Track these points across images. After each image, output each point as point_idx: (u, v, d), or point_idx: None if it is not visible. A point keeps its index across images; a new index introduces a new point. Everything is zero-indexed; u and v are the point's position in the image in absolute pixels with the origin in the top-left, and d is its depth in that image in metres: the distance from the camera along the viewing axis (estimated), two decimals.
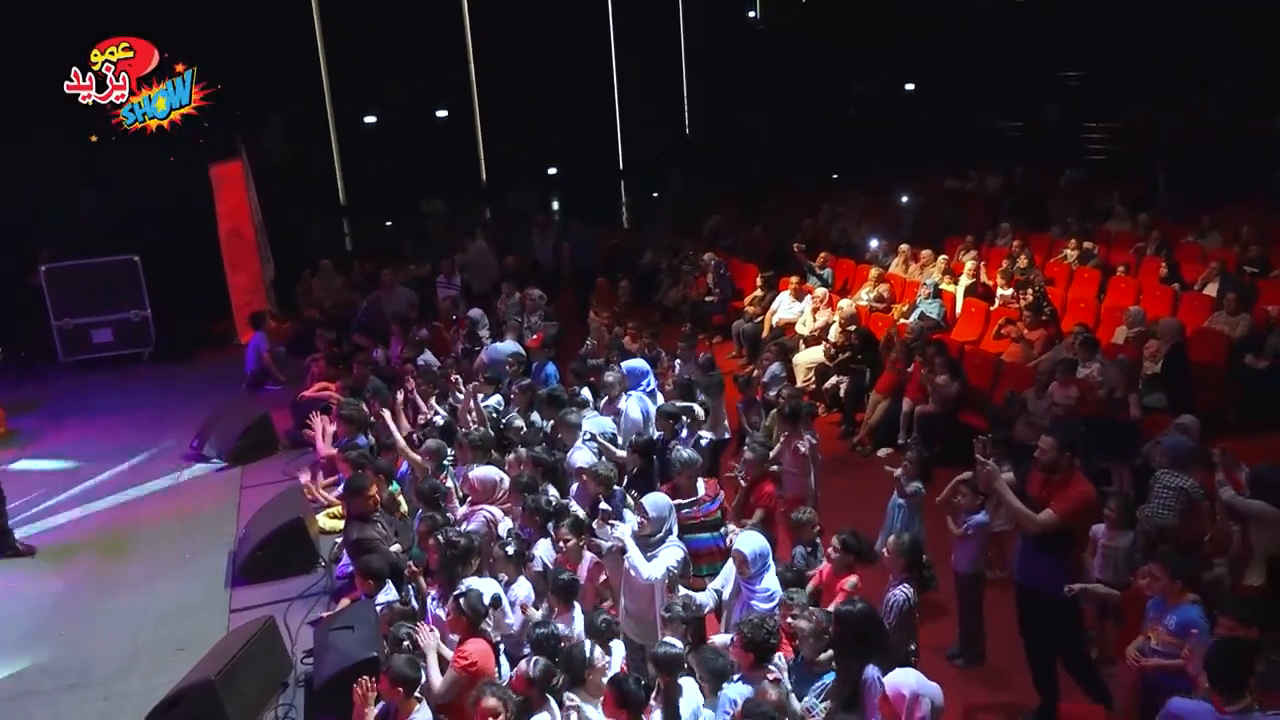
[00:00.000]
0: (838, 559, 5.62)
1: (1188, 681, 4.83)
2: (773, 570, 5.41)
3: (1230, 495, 6.33)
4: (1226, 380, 9.32)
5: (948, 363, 9.29)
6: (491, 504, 6.82)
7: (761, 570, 5.34)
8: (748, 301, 12.54)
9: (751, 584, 5.32)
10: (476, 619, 5.19)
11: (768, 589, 5.30)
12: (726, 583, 5.56)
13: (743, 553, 5.33)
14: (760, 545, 5.40)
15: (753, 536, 5.49)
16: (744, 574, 5.36)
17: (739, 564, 5.38)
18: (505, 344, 9.65)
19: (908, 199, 16.64)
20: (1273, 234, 12.36)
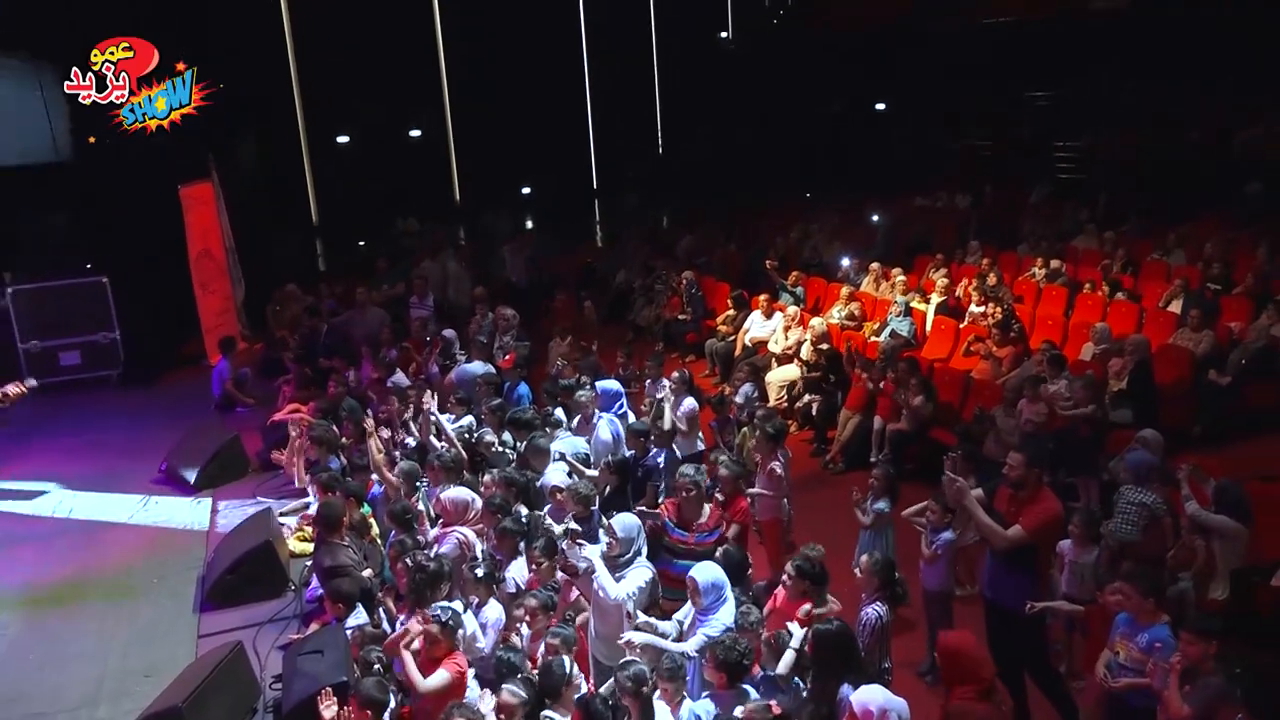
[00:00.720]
0: (792, 585, 5.48)
1: (1153, 698, 4.88)
2: (730, 604, 5.23)
3: (1195, 510, 6.43)
4: (1190, 396, 9.45)
5: (922, 384, 9.35)
6: (464, 525, 6.82)
7: (716, 602, 5.18)
8: (720, 320, 12.60)
9: (704, 615, 5.17)
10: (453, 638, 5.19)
11: (724, 624, 5.09)
12: (689, 613, 5.38)
13: (695, 580, 5.17)
14: (715, 576, 5.24)
15: (709, 567, 5.32)
16: (696, 604, 5.20)
17: (690, 592, 5.23)
18: (476, 365, 9.63)
19: (879, 218, 16.79)
20: (1235, 251, 12.56)
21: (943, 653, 4.88)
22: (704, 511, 6.26)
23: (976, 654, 4.90)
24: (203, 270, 13.67)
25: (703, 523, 6.25)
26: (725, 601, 5.21)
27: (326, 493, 7.47)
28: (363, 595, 6.34)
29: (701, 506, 6.26)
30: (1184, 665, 4.72)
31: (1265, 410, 9.35)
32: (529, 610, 5.56)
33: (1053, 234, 14.76)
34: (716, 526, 6.23)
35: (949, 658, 4.83)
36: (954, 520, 6.51)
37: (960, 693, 4.73)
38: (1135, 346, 9.35)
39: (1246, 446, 8.88)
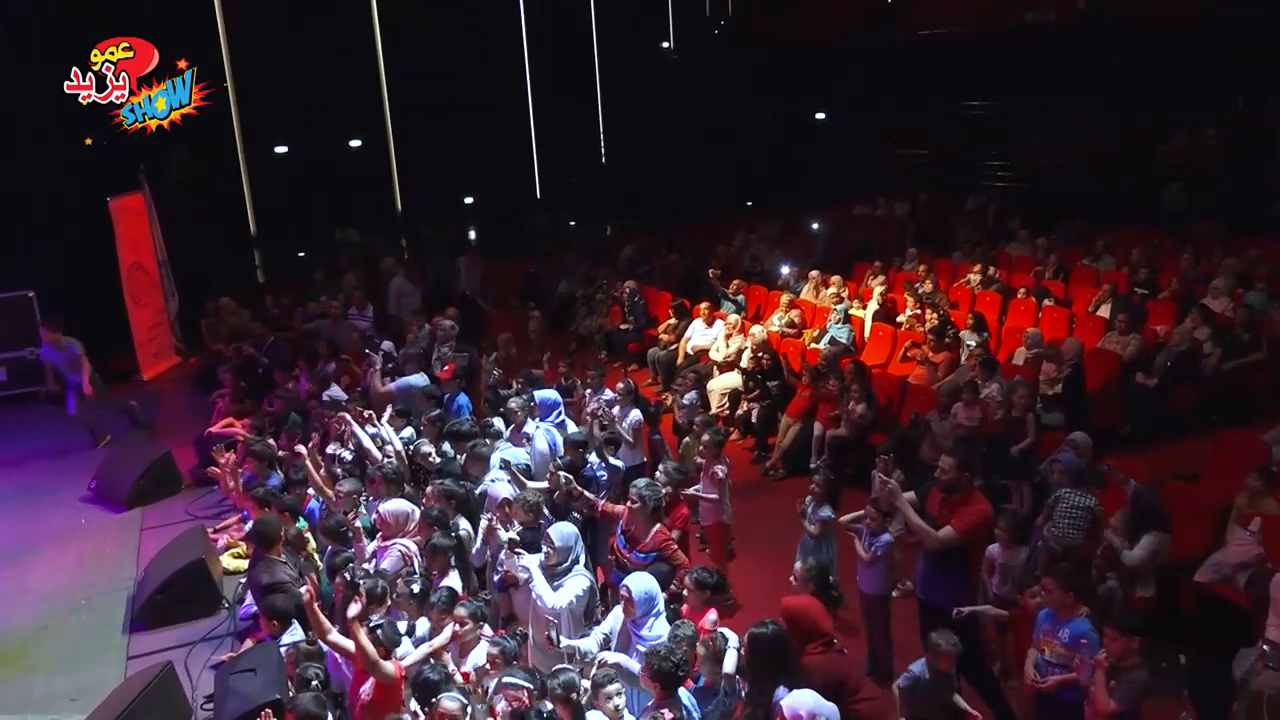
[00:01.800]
0: (692, 597, 5.50)
1: (1081, 692, 4.99)
2: (663, 617, 5.21)
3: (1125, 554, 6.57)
4: (1119, 398, 9.69)
5: (864, 391, 9.46)
6: (405, 537, 6.75)
7: (649, 614, 5.14)
8: (662, 329, 12.64)
9: (638, 627, 5.14)
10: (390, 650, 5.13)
11: (658, 636, 5.05)
12: (615, 626, 5.38)
13: (630, 591, 5.16)
14: (649, 587, 5.21)
15: (642, 577, 5.30)
16: (630, 615, 5.17)
17: (625, 605, 5.19)
18: (416, 376, 9.55)
19: (819, 226, 16.99)
20: (1161, 257, 12.92)
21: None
22: (650, 531, 6.20)
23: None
24: (134, 283, 13.37)
25: (645, 542, 6.20)
26: (659, 614, 5.20)
27: (262, 508, 7.34)
28: (298, 611, 6.22)
29: (649, 524, 6.20)
30: (1109, 661, 4.83)
31: (1188, 411, 9.64)
32: (458, 620, 5.50)
33: (986, 241, 15.05)
34: (657, 549, 6.13)
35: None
36: (892, 522, 6.60)
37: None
38: (1070, 351, 9.58)
39: (1170, 447, 9.13)
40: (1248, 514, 6.69)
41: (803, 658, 4.91)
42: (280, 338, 12.54)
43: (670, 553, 6.17)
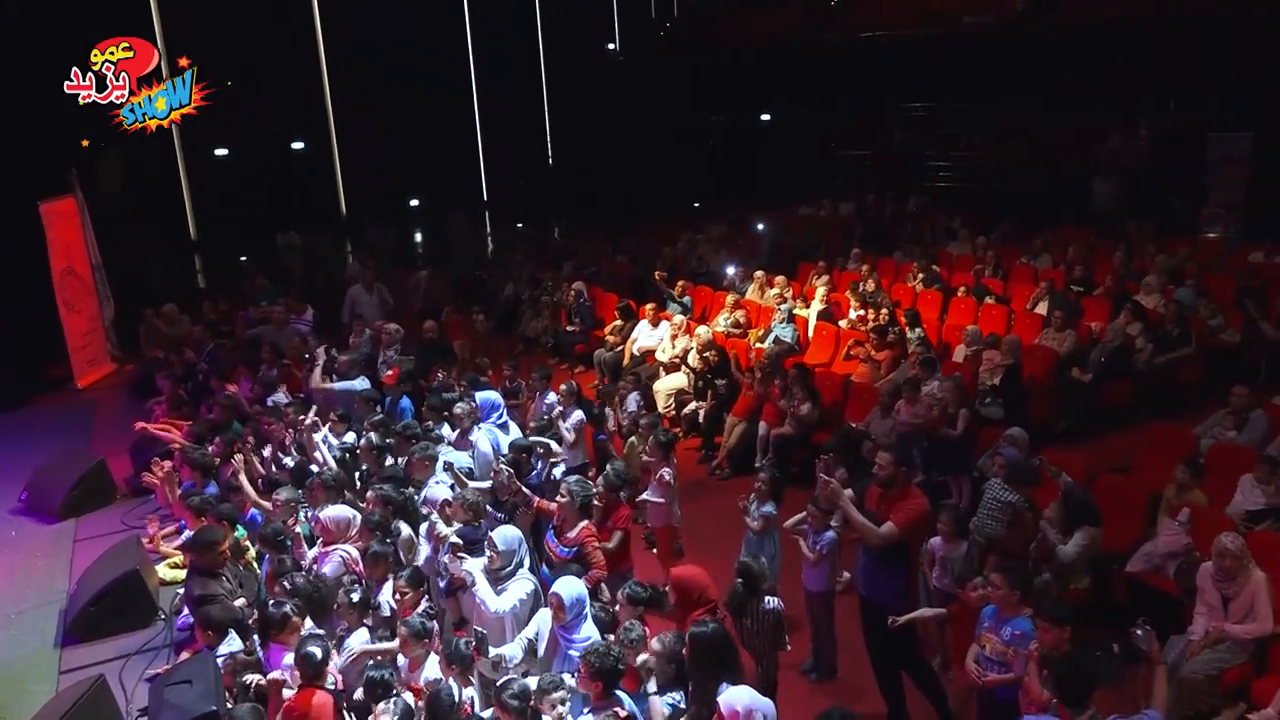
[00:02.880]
0: (623, 612, 5.52)
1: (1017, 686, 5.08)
2: (590, 619, 5.24)
3: (1061, 550, 6.69)
4: (1055, 393, 9.88)
5: (808, 390, 9.54)
6: (346, 543, 6.67)
7: (579, 618, 5.17)
8: (608, 330, 12.64)
9: (569, 631, 5.15)
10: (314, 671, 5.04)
11: (587, 637, 5.09)
12: (541, 630, 5.36)
13: (560, 596, 5.15)
14: (578, 591, 5.23)
15: (571, 581, 5.31)
16: (560, 620, 5.17)
17: (555, 609, 5.18)
18: (357, 380, 9.45)
19: (764, 227, 17.11)
20: (1096, 255, 13.20)
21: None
22: (577, 527, 6.30)
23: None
24: (67, 289, 13.03)
25: (570, 537, 6.28)
26: (586, 618, 5.21)
27: (198, 518, 7.21)
28: (235, 622, 6.12)
29: (577, 519, 6.30)
30: (1041, 652, 4.92)
31: (1122, 405, 9.86)
32: (402, 639, 5.44)
33: (928, 240, 15.27)
34: (579, 544, 6.22)
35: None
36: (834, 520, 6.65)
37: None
38: (1009, 347, 9.75)
39: (1105, 440, 9.34)
40: (1176, 505, 6.86)
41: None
42: (221, 344, 12.30)
43: (589, 551, 6.25)
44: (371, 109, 21.62)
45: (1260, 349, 9.96)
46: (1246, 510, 6.82)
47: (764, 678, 5.63)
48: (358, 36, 21.47)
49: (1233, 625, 5.82)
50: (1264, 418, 7.93)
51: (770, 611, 5.61)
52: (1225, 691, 5.83)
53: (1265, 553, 5.99)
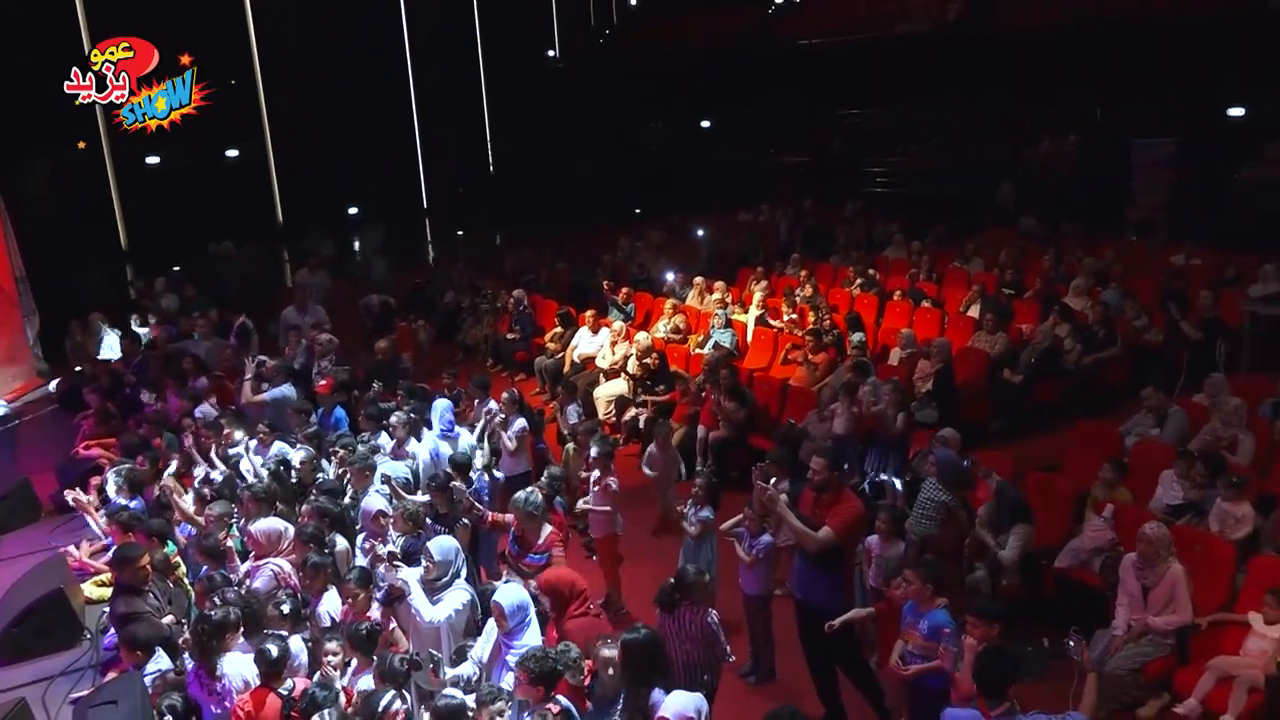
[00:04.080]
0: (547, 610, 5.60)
1: (945, 679, 5.16)
2: (535, 626, 5.24)
3: (1002, 554, 6.86)
4: (988, 394, 10.07)
5: (733, 388, 9.61)
6: (279, 556, 6.57)
7: (521, 625, 5.16)
8: (549, 338, 12.62)
9: (511, 639, 5.14)
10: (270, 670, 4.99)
11: (527, 644, 5.08)
12: (488, 641, 5.31)
13: (500, 605, 5.14)
14: (520, 598, 5.22)
15: (512, 589, 5.30)
16: (502, 628, 5.16)
17: (496, 617, 5.18)
18: (286, 387, 9.34)
19: (704, 233, 17.21)
20: (1026, 258, 13.48)
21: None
22: (542, 533, 6.31)
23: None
24: None
25: (539, 544, 6.30)
26: (530, 624, 5.20)
27: (126, 534, 7.05)
28: (163, 641, 5.99)
29: (539, 527, 6.32)
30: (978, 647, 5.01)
31: (1051, 405, 10.08)
32: (345, 647, 5.39)
33: (864, 245, 15.48)
34: (547, 550, 6.26)
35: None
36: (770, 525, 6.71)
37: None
38: (939, 350, 9.91)
39: (1035, 440, 9.54)
40: (1102, 502, 7.04)
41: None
42: (149, 355, 12.03)
43: (554, 557, 6.27)
44: (308, 116, 21.31)
45: (1181, 349, 10.25)
46: (1167, 505, 7.01)
47: (706, 684, 5.61)
48: (293, 43, 21.18)
49: (1153, 617, 5.98)
50: (1183, 415, 8.17)
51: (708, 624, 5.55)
52: (1149, 684, 6.00)
53: (1184, 546, 6.18)
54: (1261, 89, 15.98)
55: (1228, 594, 6.16)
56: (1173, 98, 16.67)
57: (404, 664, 4.97)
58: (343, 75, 21.59)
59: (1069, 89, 18.23)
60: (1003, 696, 4.42)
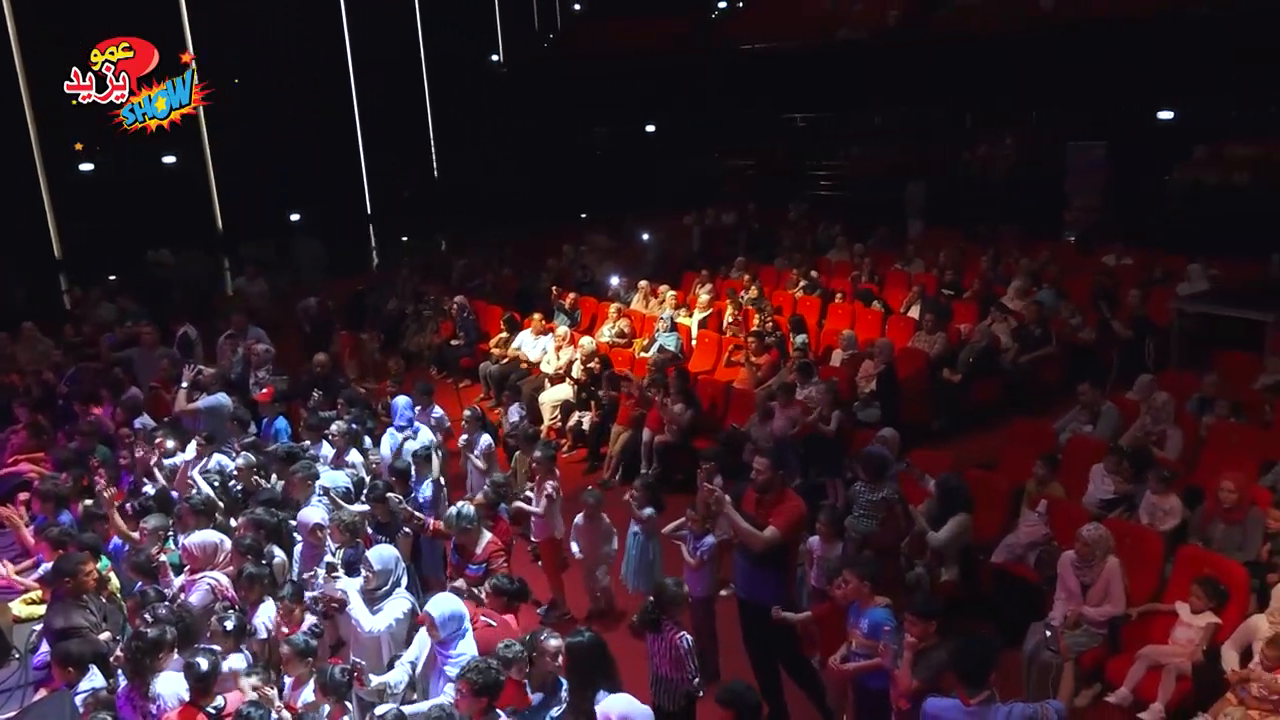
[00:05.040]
0: (491, 602, 5.60)
1: (886, 677, 5.23)
2: (469, 635, 5.20)
3: (931, 535, 6.95)
4: (927, 394, 10.22)
5: (682, 391, 9.66)
6: (215, 569, 6.46)
7: (456, 634, 5.13)
8: (493, 343, 12.56)
9: (446, 648, 5.11)
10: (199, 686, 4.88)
11: (463, 654, 5.06)
12: (421, 652, 5.28)
13: (431, 615, 5.10)
14: (453, 608, 5.19)
15: (445, 599, 5.26)
16: (435, 637, 5.12)
17: (429, 628, 5.14)
18: (221, 395, 9.19)
19: (649, 236, 17.25)
20: (965, 259, 13.72)
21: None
22: (482, 542, 6.32)
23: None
24: None
25: (478, 554, 6.31)
26: (465, 633, 5.16)
27: (57, 550, 6.87)
28: (97, 657, 5.84)
29: (479, 535, 6.33)
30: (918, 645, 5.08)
31: (990, 404, 10.27)
32: (286, 657, 5.31)
33: (808, 248, 15.63)
34: (486, 560, 6.27)
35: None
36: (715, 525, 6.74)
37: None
38: (881, 351, 10.04)
39: (974, 438, 9.71)
40: (1036, 497, 7.19)
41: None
42: (83, 367, 11.74)
43: (498, 565, 6.27)
44: (248, 122, 20.96)
45: (1112, 347, 10.50)
46: (1100, 500, 7.18)
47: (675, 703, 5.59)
48: (231, 47, 20.82)
49: (1089, 609, 6.12)
50: (1115, 411, 8.37)
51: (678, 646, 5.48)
52: (1083, 673, 6.14)
53: (1116, 539, 6.31)
54: (1188, 93, 16.45)
55: (1156, 585, 6.33)
56: (1105, 102, 17.08)
57: (344, 675, 4.91)
58: (283, 80, 21.27)
59: (1005, 93, 18.59)
60: (983, 684, 4.43)
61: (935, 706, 4.53)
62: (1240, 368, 9.33)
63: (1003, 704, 4.41)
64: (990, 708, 4.36)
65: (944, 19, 20.97)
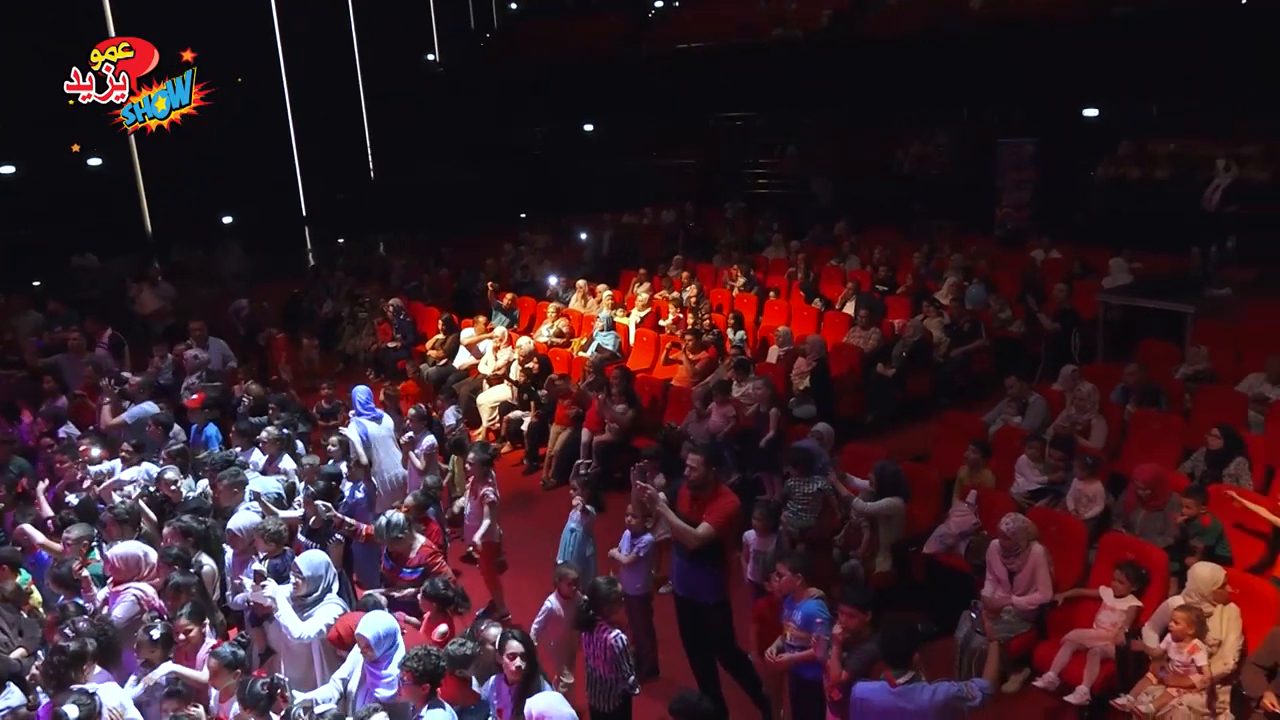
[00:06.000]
0: (424, 606, 5.58)
1: (819, 668, 5.28)
2: (402, 649, 5.09)
3: (859, 503, 7.08)
4: (862, 388, 10.36)
5: (624, 391, 9.66)
6: (140, 580, 6.30)
7: (389, 652, 5.04)
8: (430, 345, 12.44)
9: (378, 667, 5.04)
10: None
11: (394, 675, 4.93)
12: (354, 669, 5.19)
13: (365, 637, 5.01)
14: (385, 626, 5.10)
15: (377, 617, 5.16)
16: (368, 657, 5.04)
17: (362, 648, 5.05)
18: (147, 404, 8.99)
19: (587, 236, 17.24)
20: (899, 256, 13.92)
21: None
22: (415, 546, 6.28)
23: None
24: None
25: (412, 558, 6.26)
26: (399, 648, 5.09)
27: None
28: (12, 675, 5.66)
29: (411, 540, 6.28)
30: (845, 636, 5.14)
31: (923, 397, 10.44)
32: (213, 670, 5.20)
33: (744, 245, 15.74)
34: (422, 565, 6.23)
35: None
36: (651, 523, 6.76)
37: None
38: (813, 347, 10.15)
39: (908, 431, 9.87)
40: (968, 485, 7.33)
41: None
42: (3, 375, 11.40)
43: (437, 567, 6.24)
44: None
45: (1040, 339, 10.73)
46: (1026, 490, 7.33)
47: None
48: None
49: (1017, 596, 6.25)
50: (1043, 402, 8.55)
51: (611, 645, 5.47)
52: (1012, 658, 6.27)
53: (1042, 527, 6.46)
54: (1113, 91, 16.86)
55: (1081, 571, 6.47)
56: (1035, 100, 17.45)
57: (265, 689, 4.83)
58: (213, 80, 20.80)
59: (937, 91, 18.90)
60: (908, 665, 4.51)
61: (863, 690, 4.60)
62: (1162, 358, 9.58)
63: (928, 683, 4.49)
64: (915, 687, 4.44)
65: (877, 18, 21.25)
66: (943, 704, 4.38)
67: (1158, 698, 5.40)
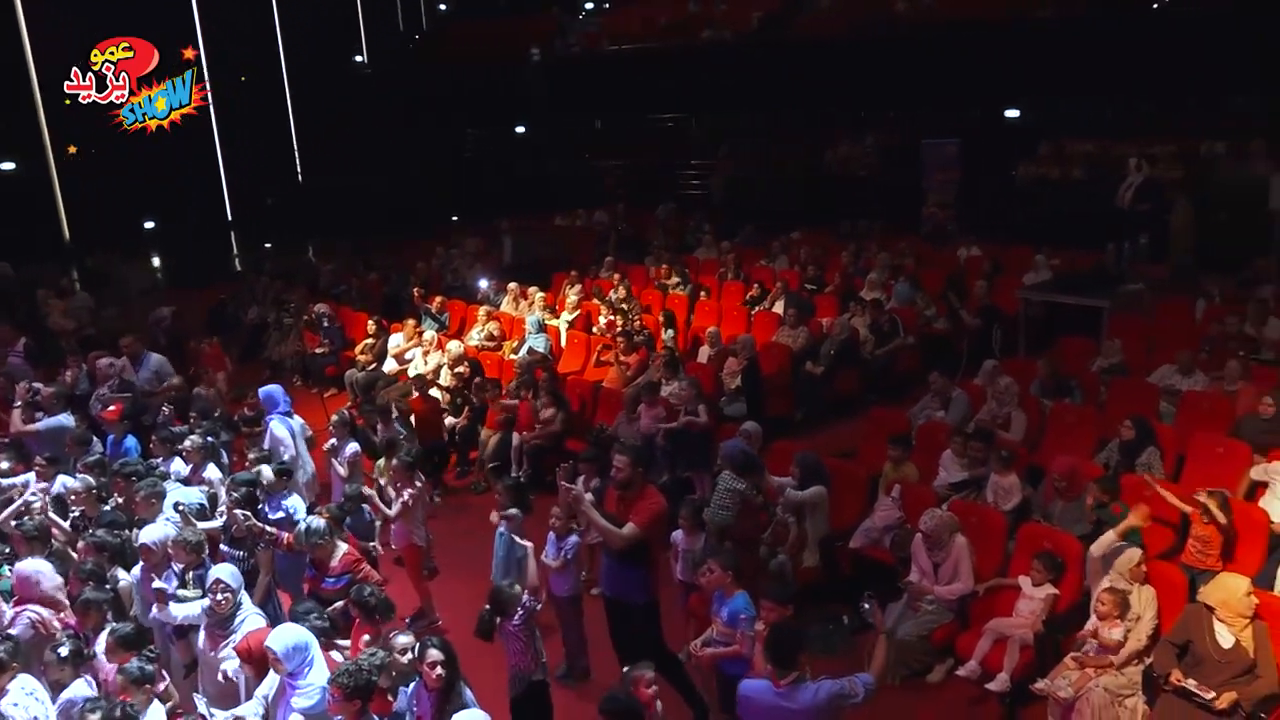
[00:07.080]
0: (355, 616, 5.55)
1: (745, 664, 5.32)
2: (320, 664, 4.99)
3: (789, 492, 7.15)
4: (791, 387, 10.47)
5: (552, 394, 9.64)
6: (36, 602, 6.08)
7: (304, 664, 4.92)
8: (359, 350, 12.27)
9: (294, 679, 4.91)
10: None
11: (312, 684, 4.88)
12: (273, 684, 5.06)
13: (274, 651, 4.87)
14: (295, 639, 4.96)
15: (287, 631, 5.03)
16: (280, 671, 4.92)
17: (272, 662, 4.93)
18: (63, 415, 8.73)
19: (519, 238, 17.14)
20: (827, 256, 14.08)
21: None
22: (337, 554, 6.20)
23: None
24: None
25: (334, 566, 6.18)
26: (314, 661, 4.98)
27: None
28: None
29: (333, 552, 6.20)
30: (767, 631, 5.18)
31: (850, 395, 10.58)
32: (119, 687, 5.06)
33: (676, 246, 15.80)
34: (345, 572, 6.14)
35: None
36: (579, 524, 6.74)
37: None
38: (744, 346, 10.23)
39: (836, 428, 10.00)
40: (893, 480, 7.45)
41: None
42: None
43: (362, 574, 6.17)
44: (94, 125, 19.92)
45: (963, 335, 10.95)
46: (949, 483, 7.47)
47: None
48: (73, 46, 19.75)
49: (940, 587, 6.38)
50: (965, 397, 8.73)
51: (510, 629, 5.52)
52: (936, 649, 6.39)
53: (963, 519, 6.60)
54: (1034, 93, 17.27)
55: (1001, 561, 6.63)
56: (958, 101, 17.79)
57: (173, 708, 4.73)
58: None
59: (864, 93, 19.17)
60: (793, 665, 4.56)
61: (748, 688, 4.66)
62: (1080, 352, 9.84)
63: (812, 682, 4.55)
64: (799, 687, 4.50)
65: (805, 21, 21.48)
66: (825, 702, 4.44)
67: (1075, 680, 5.56)
